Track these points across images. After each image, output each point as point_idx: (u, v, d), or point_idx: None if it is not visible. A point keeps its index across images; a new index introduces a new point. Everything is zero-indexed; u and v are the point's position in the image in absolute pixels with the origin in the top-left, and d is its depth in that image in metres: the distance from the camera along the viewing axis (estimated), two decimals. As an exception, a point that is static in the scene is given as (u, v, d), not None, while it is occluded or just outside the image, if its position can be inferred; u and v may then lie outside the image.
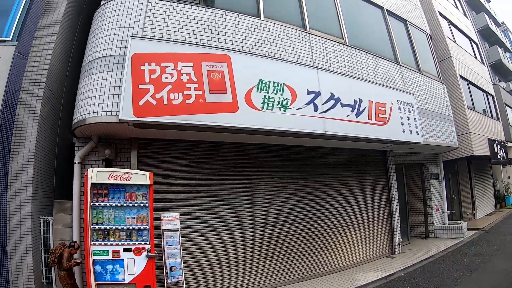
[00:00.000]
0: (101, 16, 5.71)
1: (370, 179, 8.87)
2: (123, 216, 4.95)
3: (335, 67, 7.29)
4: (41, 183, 5.64)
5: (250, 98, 5.63)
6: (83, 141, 5.57)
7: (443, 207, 11.39)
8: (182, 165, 6.24)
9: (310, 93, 6.31)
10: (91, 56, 5.41)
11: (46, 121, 5.84)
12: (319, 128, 6.27)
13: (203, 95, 5.26)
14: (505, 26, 26.05)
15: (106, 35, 5.42)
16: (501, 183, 18.26)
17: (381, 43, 9.26)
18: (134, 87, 4.92)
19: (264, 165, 7.04)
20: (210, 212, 6.29)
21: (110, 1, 5.74)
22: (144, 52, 5.18)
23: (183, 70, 5.28)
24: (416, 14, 11.48)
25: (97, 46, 5.41)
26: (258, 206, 6.78)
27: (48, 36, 6.11)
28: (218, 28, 6.10)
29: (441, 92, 10.77)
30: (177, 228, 5.40)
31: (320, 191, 7.72)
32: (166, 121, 4.99)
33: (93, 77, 5.17)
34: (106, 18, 5.59)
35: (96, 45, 5.43)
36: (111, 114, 4.88)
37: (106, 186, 4.91)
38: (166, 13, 5.79)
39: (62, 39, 6.43)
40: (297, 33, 7.03)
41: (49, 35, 6.12)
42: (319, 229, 7.51)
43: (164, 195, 5.93)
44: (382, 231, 8.82)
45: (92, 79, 5.15)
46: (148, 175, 5.10)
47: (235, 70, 5.65)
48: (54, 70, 6.13)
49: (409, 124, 8.17)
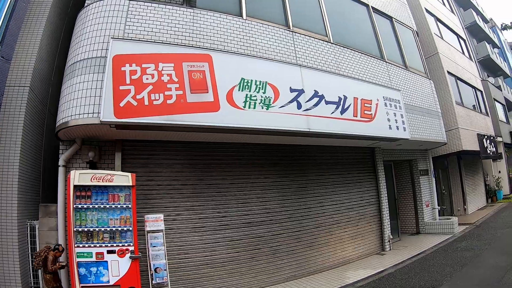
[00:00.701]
0: (83, 19, 5.67)
1: (358, 176, 8.85)
2: (106, 217, 4.93)
3: (319, 64, 7.27)
4: (27, 188, 5.61)
5: (232, 97, 5.59)
6: (67, 144, 5.54)
7: (433, 203, 11.41)
8: (167, 166, 6.22)
9: (294, 91, 6.28)
10: (73, 59, 5.37)
11: (31, 125, 5.80)
12: (303, 126, 6.23)
13: (184, 95, 5.24)
14: (493, 22, 26.29)
15: (88, 37, 5.37)
16: (492, 177, 18.36)
17: (366, 40, 9.27)
18: (115, 88, 4.88)
19: (249, 164, 7.00)
20: (195, 213, 6.26)
21: (92, 3, 5.71)
22: (125, 53, 5.13)
23: (164, 70, 5.24)
24: (402, 11, 11.52)
25: (79, 48, 5.36)
26: (243, 206, 6.74)
27: (32, 39, 6.07)
28: (200, 28, 6.08)
29: (429, 88, 10.79)
30: (161, 229, 5.35)
31: (306, 189, 7.68)
32: (147, 121, 4.96)
33: (75, 80, 5.13)
34: (88, 20, 5.55)
35: (78, 48, 5.38)
36: (93, 116, 4.85)
37: (89, 188, 4.89)
38: (148, 14, 5.76)
39: (47, 42, 6.40)
40: (280, 31, 7.00)
41: (33, 39, 6.09)
42: (306, 228, 7.47)
43: (149, 196, 5.92)
44: (371, 228, 8.81)
45: (74, 82, 5.11)
46: (130, 176, 5.07)
47: (216, 70, 5.61)
48: (38, 73, 6.10)
49: (396, 121, 8.16)
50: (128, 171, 5.36)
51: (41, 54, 6.12)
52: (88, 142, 5.64)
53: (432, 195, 11.48)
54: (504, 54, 27.46)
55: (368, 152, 9.32)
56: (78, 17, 5.83)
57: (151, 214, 5.49)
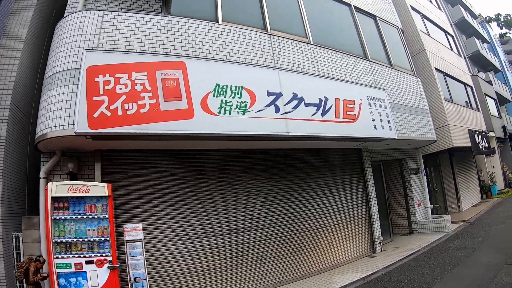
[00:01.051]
0: (60, 30, 5.68)
1: (345, 178, 8.74)
2: (84, 228, 5.00)
3: (298, 66, 7.17)
4: (12, 200, 5.71)
5: (207, 103, 5.51)
6: (47, 156, 5.54)
7: (425, 201, 11.30)
8: (146, 175, 6.18)
9: (271, 95, 6.18)
10: (50, 71, 5.38)
11: (13, 138, 5.86)
12: (282, 130, 6.13)
13: (158, 104, 5.20)
14: (481, 17, 26.26)
15: (64, 49, 5.38)
16: (486, 173, 18.25)
17: (349, 40, 9.18)
18: (89, 99, 4.88)
19: (231, 170, 6.92)
20: (176, 221, 6.21)
21: (68, 15, 5.73)
22: (98, 64, 5.13)
23: (137, 79, 5.21)
24: (386, 9, 11.46)
25: (56, 60, 5.37)
26: (226, 213, 6.67)
27: (12, 52, 6.16)
28: (174, 36, 6.04)
29: (415, 85, 10.70)
30: (140, 239, 5.32)
31: (291, 194, 7.58)
32: (120, 131, 4.94)
33: (52, 92, 5.13)
34: (64, 32, 5.56)
35: (55, 60, 5.39)
36: (68, 127, 4.83)
37: (67, 199, 4.96)
38: (122, 24, 5.76)
39: (29, 54, 6.50)
40: (258, 34, 6.91)
41: (14, 52, 6.18)
42: (292, 232, 7.37)
43: (129, 206, 5.89)
44: (361, 230, 8.68)
45: (51, 94, 5.11)
46: (107, 186, 5.12)
47: (190, 76, 5.56)
48: (20, 86, 6.19)
49: (381, 120, 8.05)
50: (108, 181, 5.43)
51: (22, 67, 6.21)
52: (69, 153, 5.62)
53: (424, 194, 11.37)
54: (494, 48, 27.51)
55: (354, 153, 9.21)
56: (56, 29, 5.83)
57: (131, 223, 5.46)
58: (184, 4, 6.82)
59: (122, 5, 7.42)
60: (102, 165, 5.80)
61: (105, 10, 5.84)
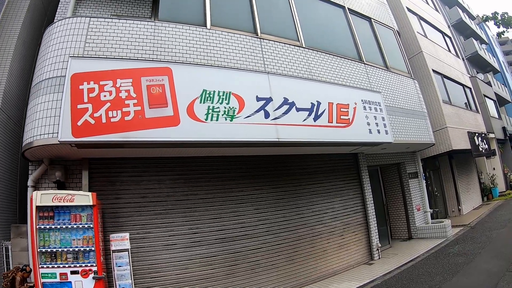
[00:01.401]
0: (47, 38, 5.60)
1: (341, 184, 8.54)
2: (69, 238, 4.95)
3: (290, 70, 7.00)
4: (3, 209, 5.75)
5: (193, 110, 5.36)
6: (36, 164, 5.47)
7: (424, 206, 11.07)
8: (134, 183, 6.08)
9: (260, 100, 6.01)
10: (37, 79, 5.31)
11: (4, 147, 5.91)
12: (272, 136, 5.96)
13: (142, 111, 5.08)
14: (479, 18, 26.14)
15: (51, 57, 5.31)
16: (486, 175, 18.01)
17: (343, 43, 9.02)
18: (73, 107, 4.78)
19: (221, 178, 6.76)
20: (165, 230, 6.07)
21: (56, 22, 5.68)
22: (83, 71, 5.03)
23: (122, 86, 5.10)
24: (382, 11, 11.32)
25: (43, 68, 5.29)
26: (216, 221, 6.52)
27: (1, 61, 6.16)
28: (161, 41, 5.92)
29: (413, 88, 10.51)
30: (126, 249, 5.27)
31: (284, 201, 7.39)
32: (104, 139, 4.83)
33: (38, 99, 5.04)
34: (51, 39, 5.49)
35: (42, 67, 5.31)
36: (53, 136, 4.76)
37: (51, 208, 4.91)
38: (108, 31, 5.68)
39: (20, 62, 6.54)
40: (247, 38, 6.76)
41: (3, 60, 6.21)
42: (286, 241, 7.17)
43: (118, 215, 5.80)
44: (358, 237, 8.46)
45: (38, 102, 5.03)
46: (91, 195, 5.03)
47: (176, 83, 5.42)
48: (11, 94, 6.20)
49: (377, 124, 7.86)
50: (96, 190, 5.42)
51: (12, 77, 6.25)
52: (57, 162, 5.54)
53: (423, 198, 11.14)
54: (492, 49, 27.37)
55: (350, 158, 9.01)
56: (43, 36, 5.76)
57: (116, 233, 5.41)
58: (172, 9, 6.70)
59: (112, 12, 7.32)
60: (90, 173, 5.72)
61: (91, 17, 5.75)
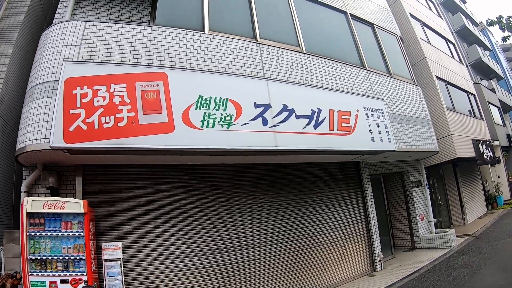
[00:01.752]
0: (43, 42, 5.53)
1: (342, 193, 8.33)
2: (59, 246, 4.86)
3: (290, 77, 6.83)
4: None
5: (188, 116, 5.20)
6: (30, 170, 5.38)
7: (428, 215, 10.82)
8: (129, 191, 5.94)
9: (259, 106, 5.84)
10: (32, 83, 5.23)
11: None
12: (270, 144, 5.77)
13: (136, 117, 4.93)
14: (483, 25, 26.06)
15: (46, 61, 5.23)
16: (491, 183, 17.72)
17: (345, 48, 8.86)
18: (66, 112, 4.66)
19: (218, 186, 6.59)
20: (160, 239, 5.91)
21: (52, 25, 5.60)
22: (77, 76, 4.92)
23: (115, 92, 4.97)
24: (385, 17, 11.18)
25: (38, 72, 5.21)
26: (212, 231, 6.34)
27: None
28: (157, 46, 5.79)
29: (416, 95, 10.32)
30: (118, 258, 5.15)
31: (283, 211, 7.19)
32: (96, 146, 4.69)
33: (32, 104, 4.95)
34: (47, 43, 5.41)
35: (37, 71, 5.23)
36: (45, 141, 4.66)
37: (42, 215, 4.84)
38: (104, 35, 5.57)
39: (17, 67, 6.52)
40: (246, 44, 6.61)
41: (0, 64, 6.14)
42: (285, 252, 6.96)
43: (111, 223, 5.66)
44: (359, 248, 8.22)
45: (32, 106, 4.94)
46: (82, 203, 4.93)
47: (172, 88, 5.27)
48: (7, 99, 6.16)
49: (379, 132, 7.66)
50: (90, 197, 5.38)
51: (9, 81, 6.20)
52: (51, 167, 5.43)
53: (426, 207, 10.89)
54: (496, 56, 27.19)
55: (352, 167, 8.81)
56: (40, 40, 5.69)
57: (110, 242, 5.32)
58: (169, 14, 6.58)
59: (111, 16, 7.20)
60: (84, 180, 5.59)
61: (87, 21, 5.65)
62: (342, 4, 9.41)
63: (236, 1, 7.33)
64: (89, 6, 7.12)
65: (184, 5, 6.85)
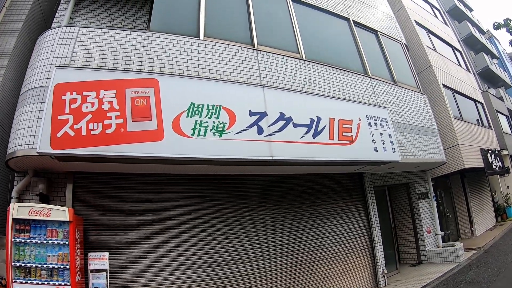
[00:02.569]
0: (38, 47, 5.51)
1: (344, 206, 8.01)
2: (44, 254, 4.74)
3: (288, 84, 6.60)
4: None
5: (179, 124, 5.01)
6: (21, 176, 5.31)
7: (435, 228, 10.41)
8: (120, 200, 5.78)
9: (254, 114, 5.61)
10: (25, 88, 5.22)
11: None
12: (264, 154, 5.52)
13: (125, 124, 4.79)
14: (489, 33, 25.74)
15: (38, 66, 5.21)
16: (500, 194, 17.21)
17: (347, 55, 8.62)
18: (54, 118, 4.59)
19: (212, 197, 6.37)
20: (150, 251, 5.71)
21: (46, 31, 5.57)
22: (67, 81, 4.84)
23: (105, 98, 4.85)
24: (389, 24, 10.96)
25: (31, 77, 5.20)
26: (205, 244, 6.11)
27: None
28: (150, 52, 5.66)
29: (422, 103, 10.01)
30: (105, 269, 5.01)
31: (281, 224, 6.91)
32: (83, 153, 4.59)
33: (24, 109, 4.91)
34: (41, 49, 5.39)
35: (30, 76, 5.23)
36: (33, 146, 4.59)
37: (28, 221, 4.74)
38: (96, 41, 5.49)
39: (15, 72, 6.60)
40: (243, 50, 6.40)
41: None
42: (282, 267, 6.67)
43: (101, 232, 5.52)
44: (362, 263, 7.87)
45: (23, 111, 4.91)
46: (68, 210, 4.81)
47: (163, 95, 5.10)
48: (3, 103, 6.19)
49: (383, 141, 7.36)
50: (80, 205, 5.35)
51: (6, 86, 6.25)
52: (42, 174, 5.36)
53: (433, 220, 10.48)
54: (504, 64, 26.77)
55: (355, 178, 8.50)
56: (35, 45, 5.65)
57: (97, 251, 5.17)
58: (164, 19, 6.39)
59: (108, 23, 7.15)
60: (74, 187, 5.49)
61: (80, 27, 5.59)
62: (344, 11, 9.22)
63: (234, 7, 7.15)
64: (88, 12, 7.15)
65: (180, 11, 6.67)
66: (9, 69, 6.41)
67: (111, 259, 5.14)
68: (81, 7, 7.11)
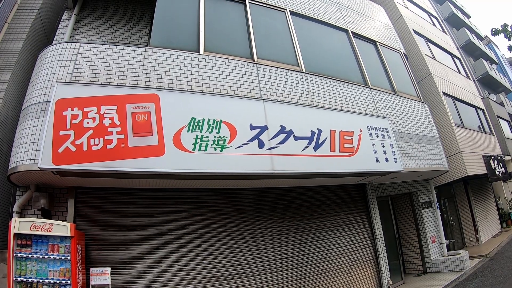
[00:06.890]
0: (39, 62, 5.55)
1: (348, 217, 7.97)
2: (45, 269, 4.72)
3: (288, 97, 6.62)
4: None
5: (180, 139, 5.03)
6: (23, 190, 5.32)
7: (440, 237, 10.32)
8: (121, 215, 5.79)
9: (254, 128, 5.63)
10: (26, 103, 5.22)
11: None
12: (266, 167, 5.51)
13: (126, 139, 4.81)
14: (488, 39, 25.84)
15: (40, 82, 5.23)
16: (504, 200, 17.10)
17: (347, 67, 8.66)
18: (55, 133, 4.61)
19: (214, 211, 6.35)
20: (153, 266, 5.68)
21: (47, 47, 5.61)
22: (68, 97, 4.87)
23: (106, 113, 4.88)
24: (388, 34, 11.02)
25: (33, 92, 5.21)
26: (208, 258, 6.07)
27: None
28: (150, 67, 5.69)
29: (423, 112, 10.00)
30: (107, 284, 5.01)
31: (285, 237, 6.87)
32: (83, 168, 4.58)
33: (25, 124, 4.92)
34: (43, 64, 5.43)
35: (32, 91, 5.24)
36: (34, 162, 4.59)
37: (30, 236, 4.74)
38: (97, 56, 5.52)
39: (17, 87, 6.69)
40: (242, 64, 6.44)
41: None
42: (286, 280, 6.60)
43: (103, 247, 5.50)
44: (366, 274, 7.79)
45: (24, 126, 4.92)
46: (69, 226, 4.80)
47: (163, 110, 5.13)
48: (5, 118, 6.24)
49: (384, 152, 7.35)
50: (82, 220, 5.36)
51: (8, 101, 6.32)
52: (44, 189, 5.37)
53: (438, 229, 10.40)
54: (503, 69, 26.78)
55: (357, 189, 8.47)
56: (36, 61, 5.70)
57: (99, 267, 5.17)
58: (165, 35, 6.46)
59: (109, 39, 7.21)
60: (76, 202, 5.51)
61: (81, 42, 5.63)
62: (343, 23, 9.29)
63: (233, 21, 7.22)
64: (89, 28, 7.22)
65: (180, 26, 6.72)
66: (11, 84, 6.47)
67: (113, 274, 5.13)
68: (82, 23, 7.20)
